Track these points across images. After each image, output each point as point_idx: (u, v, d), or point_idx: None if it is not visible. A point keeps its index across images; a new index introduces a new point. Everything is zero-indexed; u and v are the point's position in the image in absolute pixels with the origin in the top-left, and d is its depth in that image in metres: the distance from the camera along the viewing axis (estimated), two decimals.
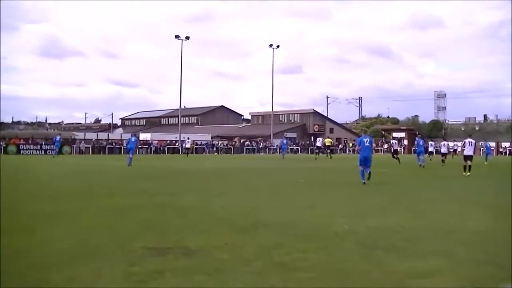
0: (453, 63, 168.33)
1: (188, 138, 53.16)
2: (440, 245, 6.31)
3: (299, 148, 69.73)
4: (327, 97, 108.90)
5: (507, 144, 71.58)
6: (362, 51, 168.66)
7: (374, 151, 28.59)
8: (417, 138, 36.43)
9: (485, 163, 32.99)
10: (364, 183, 14.83)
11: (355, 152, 70.06)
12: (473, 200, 11.35)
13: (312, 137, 73.47)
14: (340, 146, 75.24)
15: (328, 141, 47.94)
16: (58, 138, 40.85)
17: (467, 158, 20.38)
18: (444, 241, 6.54)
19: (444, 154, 31.21)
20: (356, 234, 6.96)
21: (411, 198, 11.60)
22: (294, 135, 76.32)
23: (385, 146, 76.50)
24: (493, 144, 74.58)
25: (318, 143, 45.30)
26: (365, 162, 15.20)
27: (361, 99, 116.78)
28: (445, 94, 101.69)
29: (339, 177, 19.79)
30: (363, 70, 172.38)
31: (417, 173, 22.17)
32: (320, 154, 44.41)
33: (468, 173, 19.85)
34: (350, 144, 74.39)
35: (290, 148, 68.52)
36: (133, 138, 27.01)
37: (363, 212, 9.12)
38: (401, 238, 6.65)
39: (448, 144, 37.44)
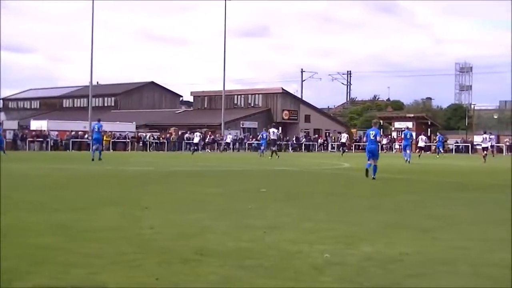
0: (488, 22, 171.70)
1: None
2: (458, 282, 6.46)
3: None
4: (302, 71, 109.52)
5: None
6: (356, 5, 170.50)
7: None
8: (404, 130, 42.81)
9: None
10: (373, 178, 20.44)
11: (339, 149, 71.38)
12: (503, 218, 11.63)
13: (280, 128, 73.90)
14: (320, 140, 75.91)
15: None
16: None
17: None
18: (467, 277, 6.69)
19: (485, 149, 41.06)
20: (342, 266, 7.04)
21: (420, 215, 11.84)
22: (254, 124, 76.43)
23: (385, 141, 77.72)
24: None
25: (343, 139, 52.30)
26: (372, 155, 21.02)
27: (350, 74, 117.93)
28: (471, 68, 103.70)
29: (318, 184, 19.96)
30: (356, 34, 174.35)
31: (433, 180, 22.60)
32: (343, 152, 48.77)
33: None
34: (334, 138, 75.15)
35: (248, 144, 68.84)
36: (97, 126, 27.14)
37: (352, 234, 9.23)
38: (404, 272, 6.77)
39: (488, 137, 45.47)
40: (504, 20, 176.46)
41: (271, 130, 46.85)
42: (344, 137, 56.65)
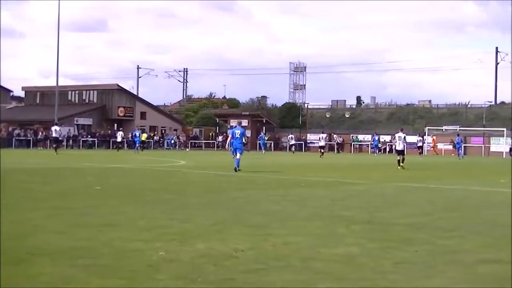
0: (324, 22, 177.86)
1: None
2: (295, 276, 6.65)
3: (95, 140, 68.90)
4: (138, 68, 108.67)
5: (387, 138, 76.90)
6: (194, 2, 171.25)
7: None
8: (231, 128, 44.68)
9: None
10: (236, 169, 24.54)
11: (181, 147, 71.43)
12: (341, 215, 12.09)
13: (115, 125, 72.98)
14: (155, 138, 75.63)
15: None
16: None
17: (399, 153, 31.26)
18: (299, 271, 6.89)
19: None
20: (176, 263, 7.08)
21: (253, 211, 12.08)
22: (89, 121, 74.94)
23: (220, 138, 78.57)
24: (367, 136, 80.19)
25: (321, 142, 52.02)
26: (236, 151, 25.79)
27: (186, 71, 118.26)
28: (305, 67, 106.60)
29: (154, 182, 19.93)
30: (193, 30, 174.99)
31: (267, 177, 23.10)
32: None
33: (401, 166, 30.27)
34: (144, 136, 75.02)
35: (83, 141, 67.50)
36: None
37: (187, 232, 9.31)
38: (238, 268, 6.88)
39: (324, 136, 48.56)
40: (338, 21, 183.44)
41: (53, 128, 47.17)
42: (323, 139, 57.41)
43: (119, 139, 60.34)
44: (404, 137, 32.23)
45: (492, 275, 6.77)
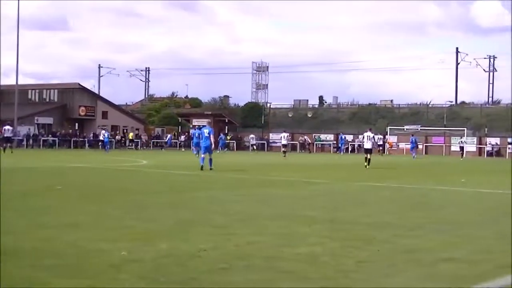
0: (287, 23, 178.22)
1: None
2: (258, 276, 6.69)
3: (56, 139, 68.24)
4: (99, 67, 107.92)
5: (350, 138, 77.62)
6: (158, 1, 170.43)
7: None
8: (195, 129, 45.15)
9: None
10: (211, 168, 24.99)
11: (143, 147, 71.04)
12: (304, 214, 12.16)
13: (77, 124, 72.43)
14: (117, 137, 75.24)
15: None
16: None
17: (367, 151, 31.85)
18: (262, 271, 6.93)
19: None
20: (139, 263, 7.07)
21: (216, 211, 12.09)
22: (49, 120, 74.18)
23: (182, 137, 78.44)
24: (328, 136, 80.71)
25: (284, 140, 51.76)
26: (207, 150, 26.19)
27: (148, 70, 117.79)
28: (268, 67, 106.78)
29: (117, 182, 19.84)
30: (157, 29, 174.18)
31: (231, 177, 23.12)
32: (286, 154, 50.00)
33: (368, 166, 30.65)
34: (131, 135, 74.74)
35: (43, 140, 66.81)
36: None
37: (149, 231, 9.30)
38: (201, 268, 6.90)
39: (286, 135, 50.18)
40: (301, 22, 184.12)
41: (5, 127, 47.04)
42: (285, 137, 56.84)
43: (101, 137, 61.71)
44: (373, 136, 33.30)
45: (450, 273, 6.88)
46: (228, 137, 73.22)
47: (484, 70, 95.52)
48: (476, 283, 6.39)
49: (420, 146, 72.94)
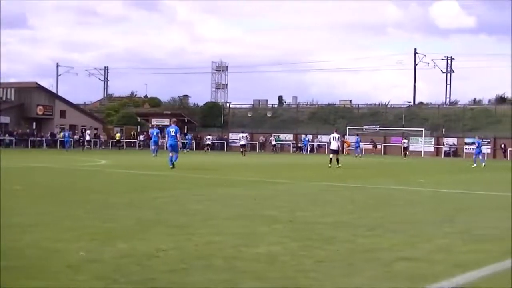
0: (247, 23, 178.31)
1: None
2: (218, 276, 6.69)
3: (13, 139, 67.40)
4: (57, 66, 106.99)
5: (310, 138, 77.88)
6: (118, 1, 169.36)
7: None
8: (153, 128, 48.14)
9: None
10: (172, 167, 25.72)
11: (102, 146, 70.47)
12: (264, 214, 12.19)
13: (34, 123, 71.61)
14: (76, 136, 74.51)
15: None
16: None
17: (334, 152, 32.72)
18: (222, 271, 6.93)
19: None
20: (98, 263, 7.03)
21: (176, 211, 12.10)
22: (6, 119, 73.25)
23: (141, 137, 78.07)
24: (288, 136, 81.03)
25: (242, 141, 53.75)
26: (173, 149, 26.79)
27: (107, 69, 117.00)
28: (227, 67, 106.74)
29: (77, 182, 19.70)
30: (116, 28, 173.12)
31: (190, 176, 23.08)
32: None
33: (339, 166, 31.67)
34: (118, 136, 74.31)
35: (0, 140, 65.97)
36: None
37: (108, 231, 9.25)
38: (160, 268, 6.89)
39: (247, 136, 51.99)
40: (261, 22, 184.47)
41: (332, 136, 46.64)
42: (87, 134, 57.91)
43: (87, 137, 65.20)
44: (339, 137, 33.92)
45: (407, 272, 6.96)
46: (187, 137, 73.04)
47: (441, 71, 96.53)
48: (434, 281, 6.48)
49: (378, 146, 74.05)
